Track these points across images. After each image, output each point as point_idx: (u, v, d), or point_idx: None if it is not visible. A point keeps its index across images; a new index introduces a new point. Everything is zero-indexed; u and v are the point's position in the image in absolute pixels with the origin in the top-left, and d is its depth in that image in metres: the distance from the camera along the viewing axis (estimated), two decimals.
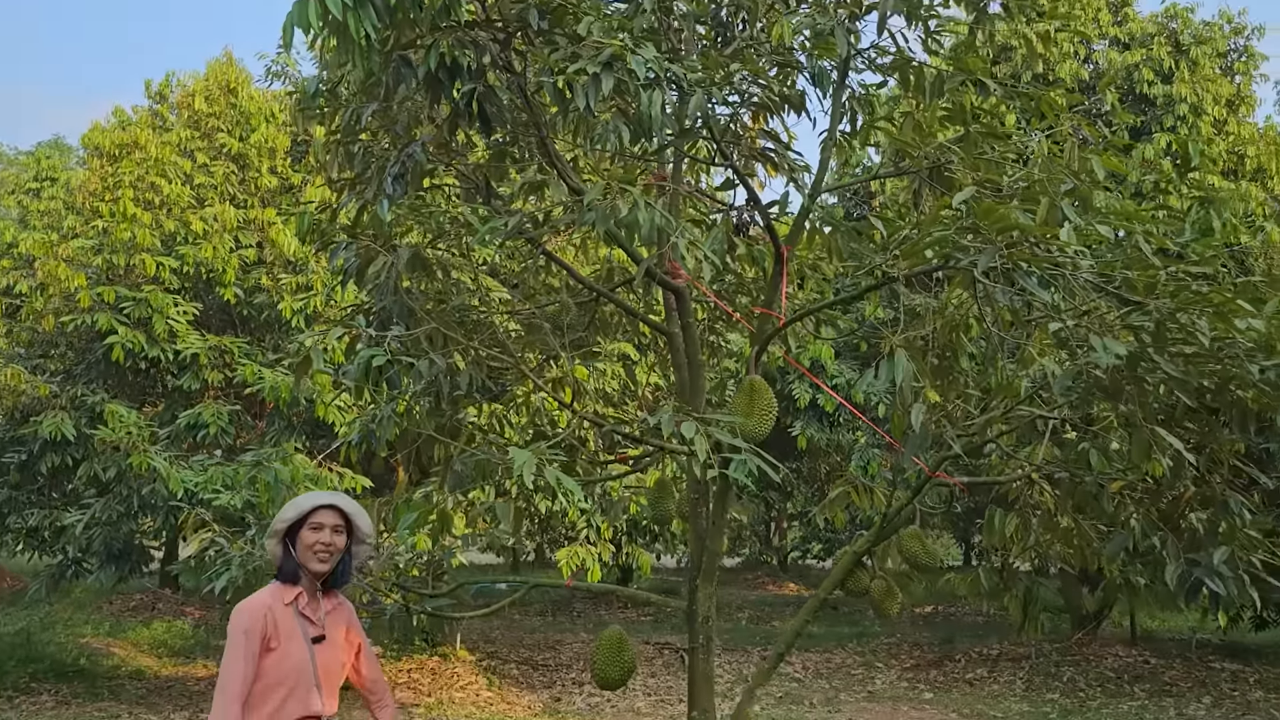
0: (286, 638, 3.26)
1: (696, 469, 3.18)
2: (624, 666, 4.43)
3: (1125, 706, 10.21)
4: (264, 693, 3.22)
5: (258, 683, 3.20)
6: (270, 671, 3.22)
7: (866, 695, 10.83)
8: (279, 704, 3.24)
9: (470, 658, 11.16)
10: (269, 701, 3.22)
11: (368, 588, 4.48)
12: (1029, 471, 4.53)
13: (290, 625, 3.29)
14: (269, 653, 3.22)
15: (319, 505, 3.46)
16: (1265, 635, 14.25)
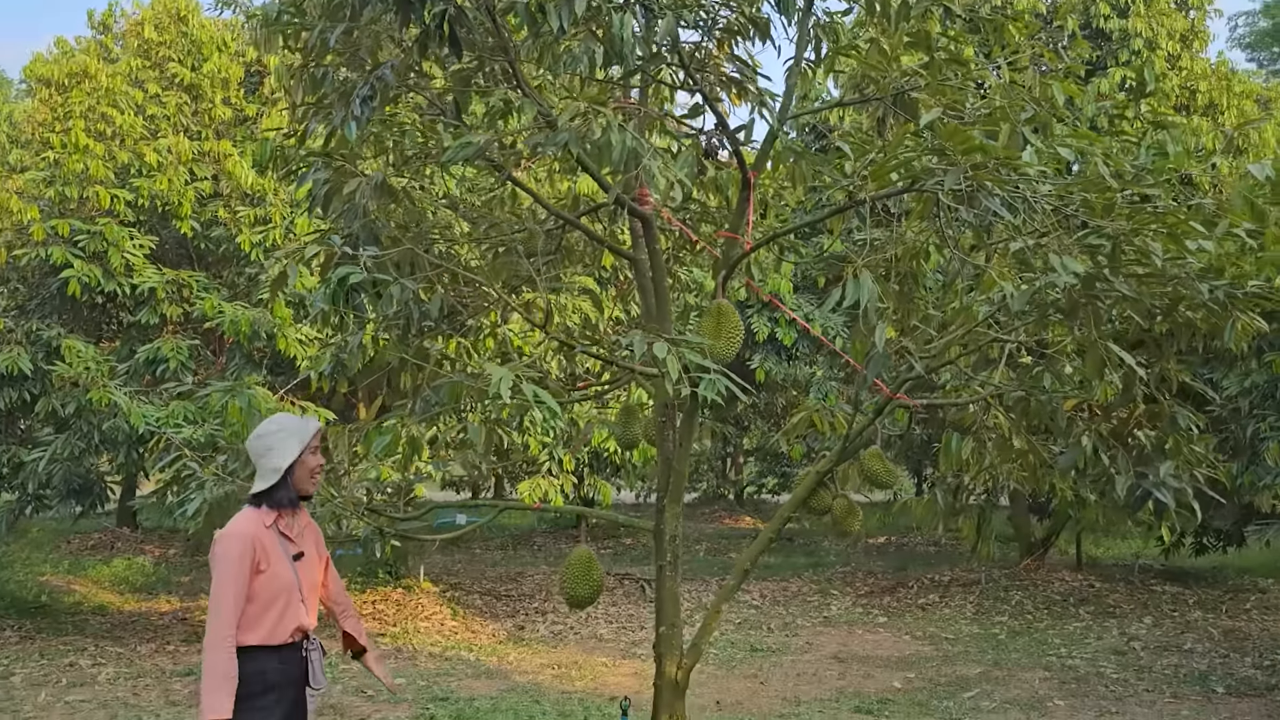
0: (274, 559, 3.37)
1: (669, 387, 3.25)
2: (593, 585, 4.55)
3: (1071, 627, 10.60)
4: (258, 614, 3.32)
5: (250, 605, 3.30)
6: (262, 593, 3.32)
7: (822, 620, 11.13)
8: (275, 621, 3.36)
9: (434, 589, 11.30)
10: (264, 621, 3.33)
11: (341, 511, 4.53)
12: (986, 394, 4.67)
13: (274, 546, 3.39)
14: (259, 575, 3.32)
15: (318, 428, 3.60)
16: (1203, 560, 14.76)
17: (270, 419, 3.61)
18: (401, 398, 5.27)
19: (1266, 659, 8.83)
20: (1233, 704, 7.50)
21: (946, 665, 8.84)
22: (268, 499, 3.46)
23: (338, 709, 7.07)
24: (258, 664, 3.30)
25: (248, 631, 3.29)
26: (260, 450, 3.49)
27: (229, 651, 3.22)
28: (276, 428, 3.52)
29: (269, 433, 3.51)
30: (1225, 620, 10.87)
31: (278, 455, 3.45)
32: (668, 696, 4.54)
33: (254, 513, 3.46)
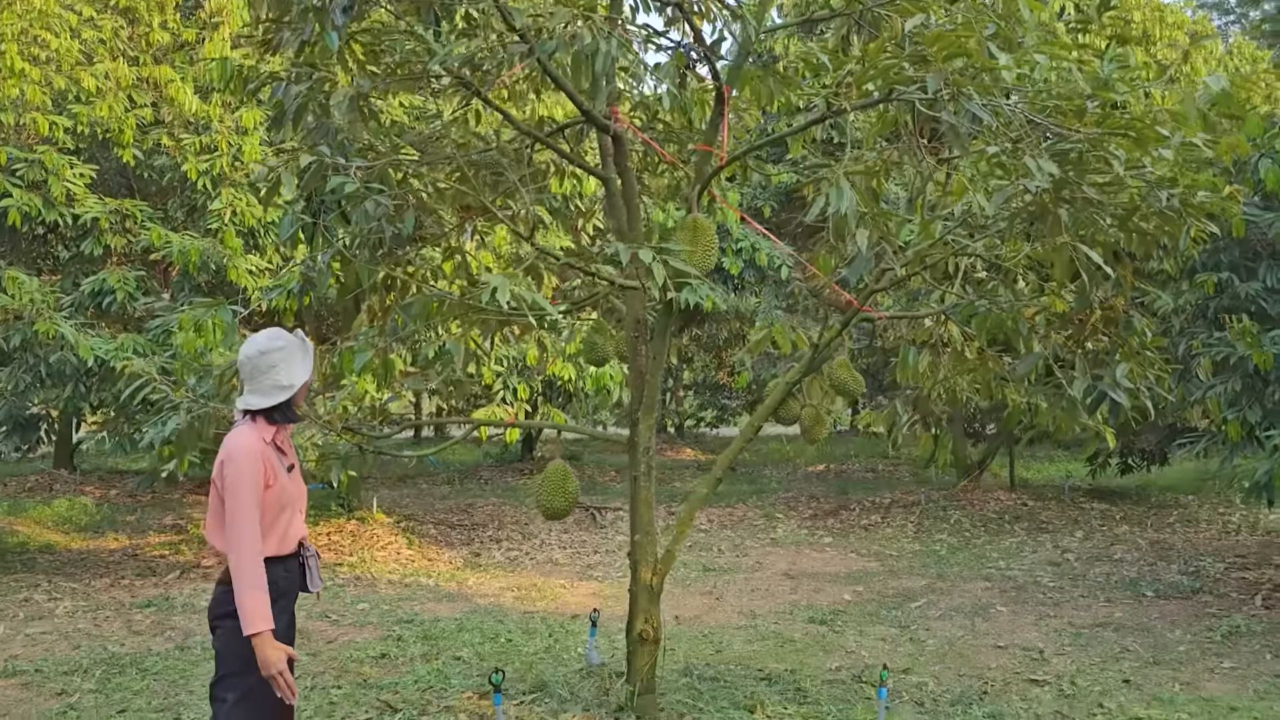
0: (279, 473, 3.41)
1: (655, 293, 3.34)
2: (569, 496, 4.66)
3: (1007, 542, 11.04)
4: (268, 527, 3.37)
5: (261, 519, 3.33)
6: (271, 506, 3.37)
7: (770, 541, 11.44)
8: (282, 533, 3.44)
9: (387, 520, 11.36)
10: (274, 533, 3.40)
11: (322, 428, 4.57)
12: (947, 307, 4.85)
13: (275, 460, 3.42)
14: (267, 490, 3.35)
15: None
16: (1129, 479, 15.40)
17: (268, 334, 3.53)
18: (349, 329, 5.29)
19: (1190, 566, 9.32)
20: (1161, 605, 7.93)
21: (893, 579, 9.19)
22: (268, 415, 3.46)
23: (303, 633, 7.13)
24: (270, 574, 3.35)
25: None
26: (262, 366, 3.44)
27: (260, 565, 3.26)
28: (282, 344, 3.48)
29: (274, 349, 3.46)
30: (1150, 533, 11.40)
31: (284, 373, 3.44)
32: (643, 602, 4.70)
33: (253, 428, 3.44)
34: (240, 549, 3.24)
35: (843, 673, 6.04)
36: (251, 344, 3.48)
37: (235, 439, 3.40)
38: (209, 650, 6.78)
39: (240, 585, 3.22)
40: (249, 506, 3.27)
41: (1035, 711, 5.40)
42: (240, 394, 3.53)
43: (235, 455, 3.33)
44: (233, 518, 3.27)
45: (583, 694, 5.22)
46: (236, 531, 3.25)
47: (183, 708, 5.54)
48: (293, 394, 3.47)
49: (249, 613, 3.21)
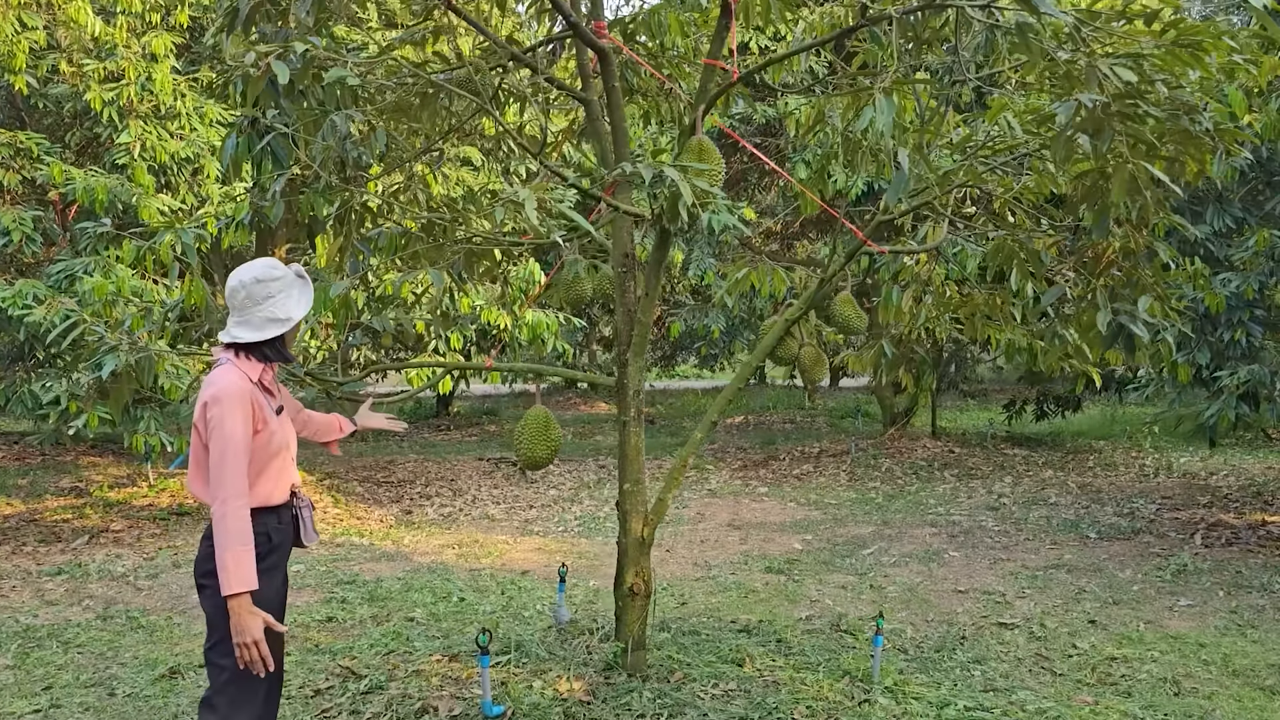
0: (268, 416, 3.11)
1: (682, 211, 3.03)
2: (551, 444, 4.34)
3: (941, 489, 11.10)
4: (257, 475, 3.08)
5: (249, 466, 3.01)
6: (260, 452, 3.07)
7: (707, 493, 11.29)
8: (274, 481, 3.15)
9: (309, 478, 10.83)
10: (264, 482, 3.11)
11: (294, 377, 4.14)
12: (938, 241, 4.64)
13: (263, 402, 3.10)
14: (256, 434, 3.05)
15: None
16: (1043, 425, 15.76)
17: (265, 263, 3.17)
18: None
19: (1124, 508, 9.48)
20: (1106, 546, 8.01)
21: (839, 527, 9.11)
22: (257, 352, 3.13)
23: None
24: (263, 526, 3.07)
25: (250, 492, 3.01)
26: (257, 295, 3.09)
27: (245, 518, 2.92)
28: (280, 273, 3.14)
29: (271, 278, 3.11)
30: (1075, 477, 11.60)
31: (280, 304, 3.11)
32: (634, 553, 4.44)
33: (238, 368, 3.08)
34: (224, 499, 2.89)
35: (815, 622, 5.89)
36: (246, 270, 3.12)
37: (220, 377, 3.03)
38: (135, 620, 6.32)
39: (222, 540, 2.88)
40: (236, 452, 2.93)
41: (1015, 655, 5.32)
42: (226, 327, 3.15)
43: (221, 396, 2.97)
44: (217, 464, 2.92)
45: (561, 653, 4.93)
46: (220, 479, 2.90)
47: (116, 682, 5.07)
48: (287, 329, 3.14)
49: (230, 571, 2.88)
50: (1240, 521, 8.63)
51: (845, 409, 20.53)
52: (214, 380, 3.02)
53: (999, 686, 4.76)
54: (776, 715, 4.13)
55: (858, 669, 4.80)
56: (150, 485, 10.51)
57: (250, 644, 2.93)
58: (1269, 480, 10.76)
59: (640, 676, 4.44)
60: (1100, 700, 4.62)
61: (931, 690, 4.58)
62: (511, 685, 4.41)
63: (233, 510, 2.89)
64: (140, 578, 7.28)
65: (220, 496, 2.89)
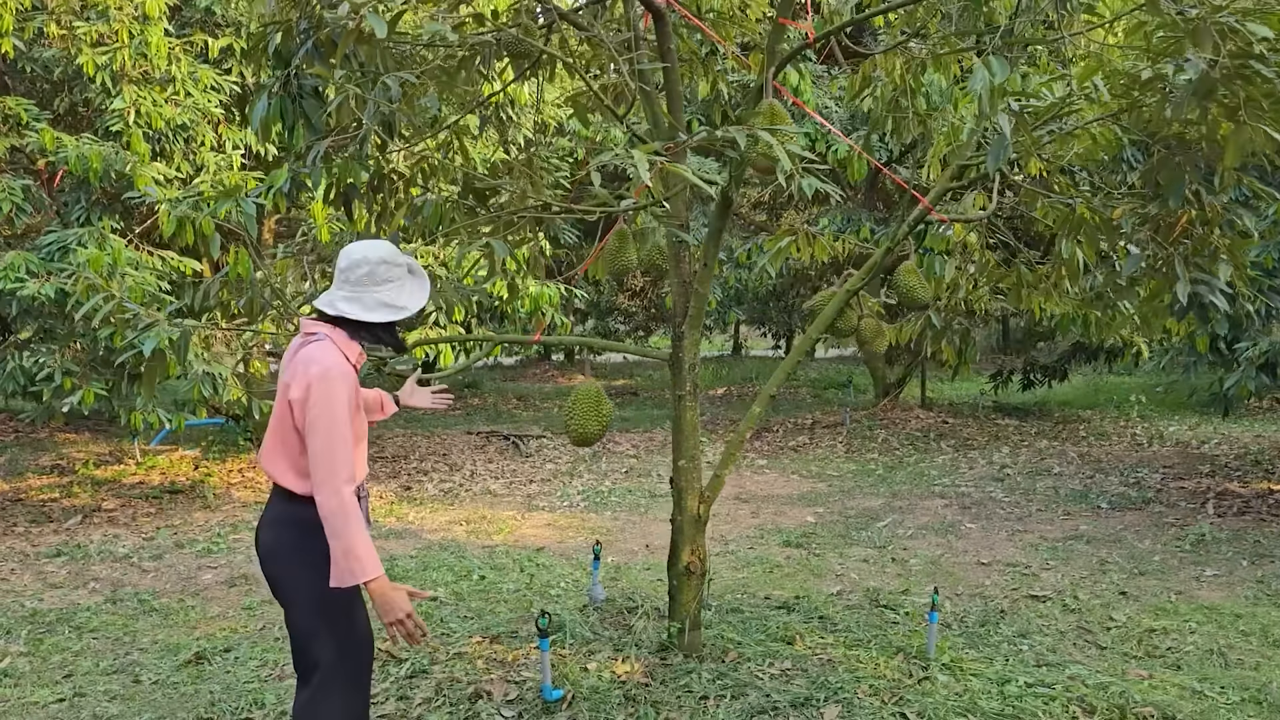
0: (359, 401, 2.94)
1: (780, 176, 2.88)
2: (603, 419, 4.19)
3: (940, 459, 11.09)
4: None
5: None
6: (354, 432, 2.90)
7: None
8: (357, 463, 2.94)
9: None
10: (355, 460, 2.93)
11: None
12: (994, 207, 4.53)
13: (357, 387, 2.93)
14: (355, 413, 2.88)
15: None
16: (1029, 395, 15.82)
17: (389, 245, 2.99)
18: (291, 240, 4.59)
19: (1130, 478, 9.50)
20: (1120, 516, 8.01)
21: (848, 499, 9.05)
22: (367, 333, 2.96)
23: (249, 578, 6.50)
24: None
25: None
26: (379, 276, 2.92)
27: (355, 501, 2.77)
28: (405, 260, 2.98)
29: (396, 262, 2.95)
30: (1071, 447, 11.63)
31: (399, 292, 2.96)
32: (689, 531, 4.31)
33: (338, 349, 2.89)
34: (338, 486, 2.72)
35: (850, 597, 5.81)
36: (374, 248, 2.94)
37: (325, 355, 2.83)
38: (146, 603, 6.11)
39: (344, 527, 2.72)
40: (345, 436, 2.76)
41: (1056, 629, 5.27)
42: (326, 297, 2.96)
43: (329, 375, 2.78)
44: (326, 449, 2.73)
45: (606, 633, 4.81)
46: (332, 464, 2.72)
47: (139, 668, 4.88)
48: (398, 319, 2.95)
49: (362, 559, 2.73)
50: (1247, 490, 8.67)
51: (828, 380, 20.52)
52: (318, 358, 2.82)
53: (1050, 661, 4.70)
54: (841, 695, 4.04)
55: (909, 645, 4.72)
56: (138, 463, 10.24)
57: (404, 618, 2.82)
58: (1264, 449, 10.84)
59: (696, 657, 4.33)
60: (1154, 674, 4.57)
61: (986, 666, 4.51)
62: (566, 668, 4.28)
63: (348, 495, 2.74)
64: (144, 559, 7.06)
65: (333, 484, 2.72)
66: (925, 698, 4.05)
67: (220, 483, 9.48)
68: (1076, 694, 4.15)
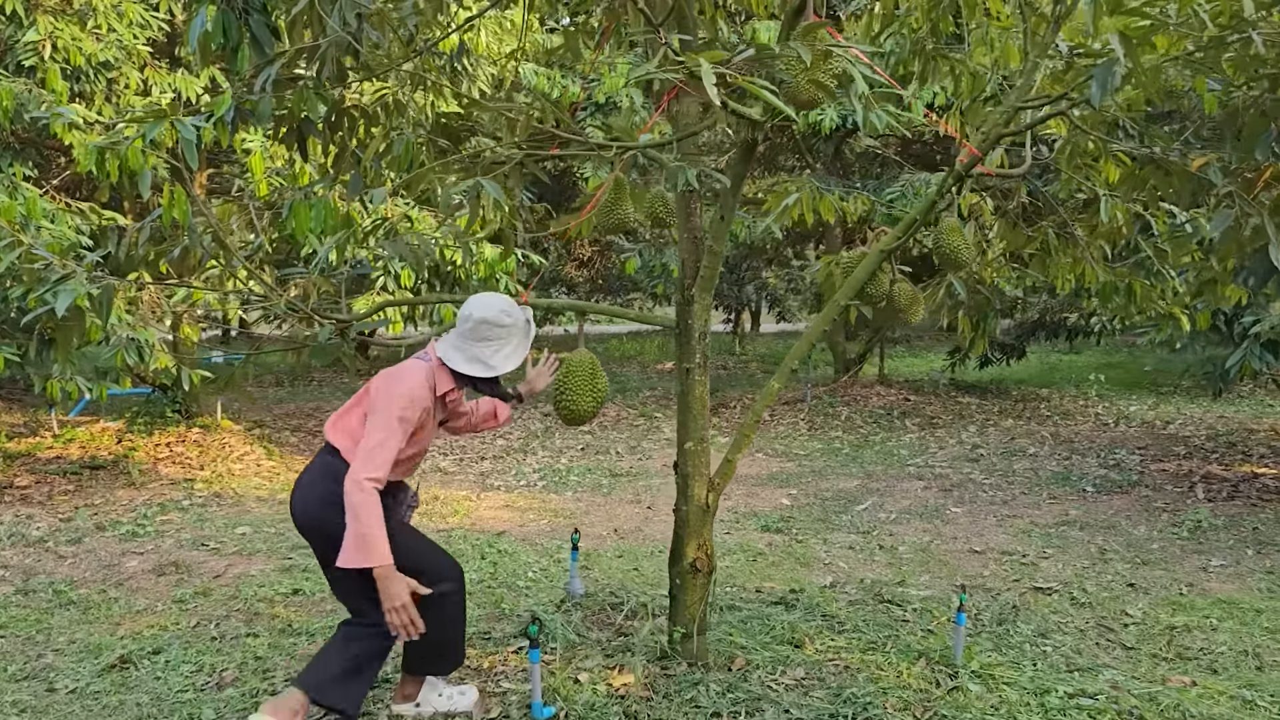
0: (429, 425, 3.27)
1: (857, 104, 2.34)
2: (598, 395, 3.64)
3: (906, 438, 10.72)
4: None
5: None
6: (405, 448, 3.19)
7: (665, 441, 10.70)
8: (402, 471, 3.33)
9: (236, 427, 9.87)
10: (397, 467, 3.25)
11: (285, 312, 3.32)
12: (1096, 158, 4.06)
13: (432, 415, 3.26)
14: (411, 436, 3.17)
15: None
16: (987, 372, 15.59)
17: (501, 305, 3.25)
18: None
19: (1108, 459, 9.20)
20: (1108, 500, 7.68)
21: (820, 480, 8.62)
22: (465, 379, 3.29)
23: (180, 565, 5.85)
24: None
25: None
26: (479, 334, 3.21)
27: (376, 495, 3.02)
28: (509, 321, 3.25)
29: (500, 323, 3.23)
30: (1037, 426, 11.35)
31: (495, 353, 3.24)
32: (695, 523, 3.80)
33: (430, 375, 3.23)
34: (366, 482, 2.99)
35: (848, 590, 5.34)
36: (484, 306, 3.23)
37: (414, 374, 3.18)
38: (63, 594, 5.40)
39: (365, 517, 2.98)
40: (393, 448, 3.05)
41: (1076, 626, 4.87)
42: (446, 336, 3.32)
43: (409, 392, 3.12)
44: (375, 446, 3.02)
45: (593, 634, 4.28)
46: (370, 458, 3.01)
47: (54, 674, 4.24)
48: (488, 375, 3.24)
49: (374, 548, 3.00)
50: (1231, 474, 8.41)
51: (778, 355, 20.16)
52: (406, 375, 3.17)
53: (1081, 665, 4.28)
54: (868, 710, 3.56)
55: (928, 648, 4.26)
56: (55, 435, 9.43)
57: (399, 607, 3.07)
58: (1232, 430, 10.66)
59: (701, 665, 3.82)
60: (1195, 679, 4.18)
61: (1017, 672, 4.07)
62: (555, 679, 3.74)
63: (370, 489, 2.99)
64: (60, 543, 6.35)
65: (362, 476, 2.98)
66: (961, 712, 3.60)
67: (146, 458, 8.73)
68: (1126, 706, 3.73)
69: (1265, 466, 8.66)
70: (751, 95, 2.61)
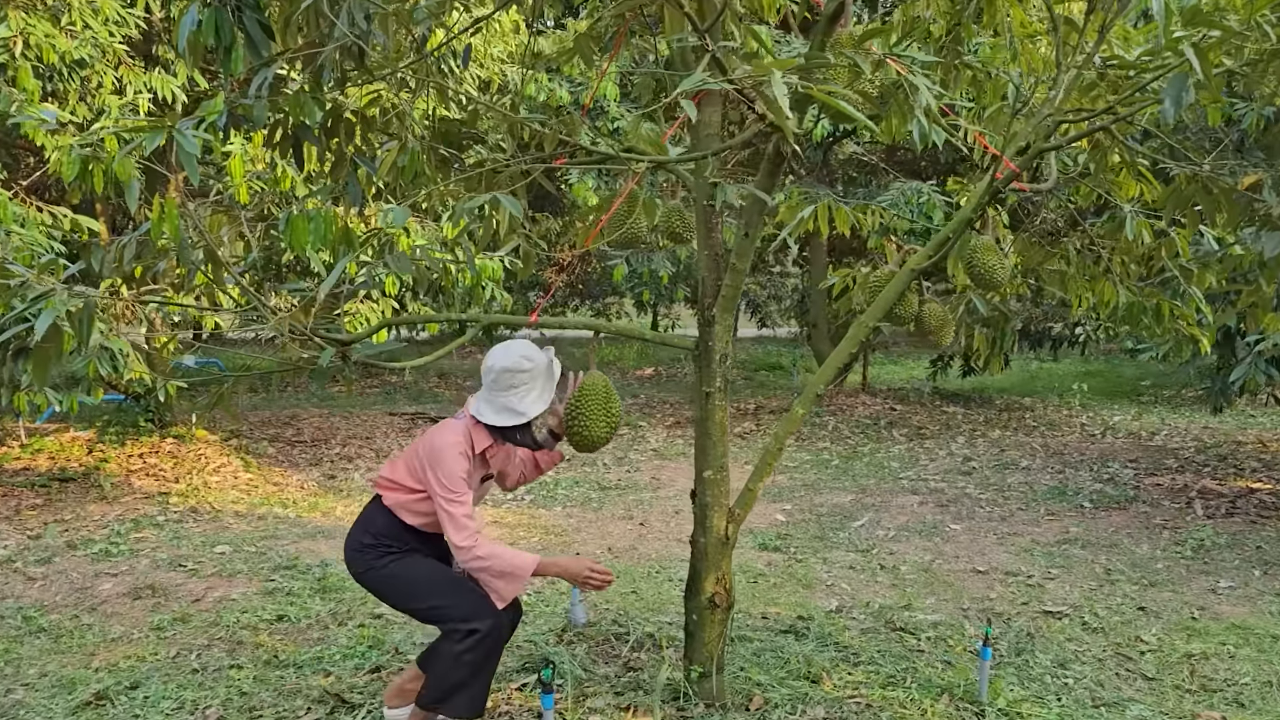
0: (472, 481, 3.28)
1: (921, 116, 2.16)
2: (612, 420, 3.44)
3: (895, 449, 10.58)
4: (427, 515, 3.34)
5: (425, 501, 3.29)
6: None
7: (652, 454, 10.50)
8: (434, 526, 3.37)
9: (212, 438, 9.57)
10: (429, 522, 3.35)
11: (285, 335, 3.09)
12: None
13: (471, 473, 3.26)
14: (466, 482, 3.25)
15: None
16: (969, 380, 15.53)
17: (524, 349, 3.24)
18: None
19: (1101, 473, 9.10)
20: (1106, 517, 7.57)
21: (814, 494, 8.45)
22: (498, 432, 3.28)
23: (157, 588, 5.58)
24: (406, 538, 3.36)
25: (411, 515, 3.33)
26: (503, 384, 3.21)
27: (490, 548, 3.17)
28: (531, 365, 3.23)
29: (520, 369, 3.21)
30: (1026, 438, 11.26)
31: (520, 398, 3.22)
32: (714, 555, 3.60)
33: (469, 433, 3.26)
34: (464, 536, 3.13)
35: (856, 615, 5.17)
36: (503, 355, 3.24)
37: (447, 433, 3.25)
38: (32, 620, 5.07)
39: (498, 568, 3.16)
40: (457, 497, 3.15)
41: (1092, 654, 4.72)
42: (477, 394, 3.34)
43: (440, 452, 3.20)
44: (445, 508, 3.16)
45: (601, 669, 4.07)
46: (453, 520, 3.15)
47: (24, 712, 3.98)
48: (524, 422, 3.23)
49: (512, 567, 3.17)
50: (1227, 489, 8.33)
51: (758, 361, 20.02)
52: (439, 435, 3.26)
53: (1106, 699, 4.13)
54: None
55: (949, 683, 4.09)
56: (22, 445, 9.09)
57: (588, 575, 3.25)
58: (1219, 442, 10.61)
59: (719, 705, 3.62)
60: (1225, 714, 4.03)
61: (1042, 708, 3.91)
62: None
63: (475, 543, 3.13)
64: (29, 562, 6.06)
65: (460, 543, 3.14)
66: None
67: (118, 469, 8.43)
68: None
69: (1260, 481, 8.59)
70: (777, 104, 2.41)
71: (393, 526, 3.33)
